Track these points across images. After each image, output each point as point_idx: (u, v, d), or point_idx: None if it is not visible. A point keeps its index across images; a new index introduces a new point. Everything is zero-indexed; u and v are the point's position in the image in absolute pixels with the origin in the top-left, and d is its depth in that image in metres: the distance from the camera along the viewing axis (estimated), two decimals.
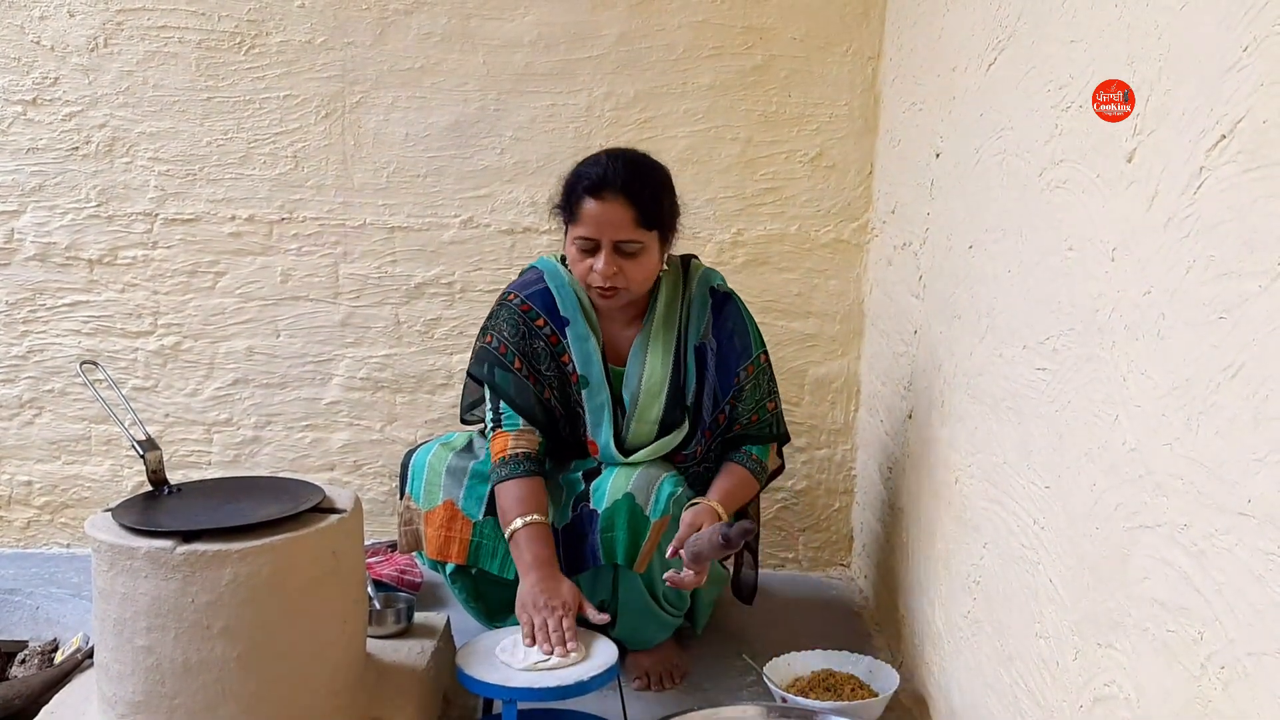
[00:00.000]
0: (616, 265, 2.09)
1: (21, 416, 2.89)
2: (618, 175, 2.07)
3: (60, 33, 2.73)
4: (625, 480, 2.14)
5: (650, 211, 2.08)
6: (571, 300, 2.22)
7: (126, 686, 1.58)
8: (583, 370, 2.21)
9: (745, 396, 2.23)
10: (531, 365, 2.20)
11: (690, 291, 2.26)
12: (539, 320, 2.21)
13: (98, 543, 1.58)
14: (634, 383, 2.22)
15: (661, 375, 2.21)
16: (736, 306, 2.27)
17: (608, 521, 2.12)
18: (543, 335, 2.21)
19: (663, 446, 2.22)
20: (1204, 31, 1.10)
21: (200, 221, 2.82)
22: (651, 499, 2.11)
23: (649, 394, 2.21)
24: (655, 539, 2.11)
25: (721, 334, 2.24)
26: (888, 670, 2.12)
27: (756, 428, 2.25)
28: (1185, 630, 1.10)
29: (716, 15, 2.73)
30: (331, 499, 1.75)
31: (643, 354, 2.22)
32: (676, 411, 2.23)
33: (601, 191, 2.05)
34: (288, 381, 2.89)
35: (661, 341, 2.22)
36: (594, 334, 2.22)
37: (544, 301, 2.22)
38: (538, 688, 1.79)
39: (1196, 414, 1.09)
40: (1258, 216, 0.99)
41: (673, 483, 2.14)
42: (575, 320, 2.21)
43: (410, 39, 2.74)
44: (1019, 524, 1.60)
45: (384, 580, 2.53)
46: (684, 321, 2.24)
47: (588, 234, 2.08)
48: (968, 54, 1.95)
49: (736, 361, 2.22)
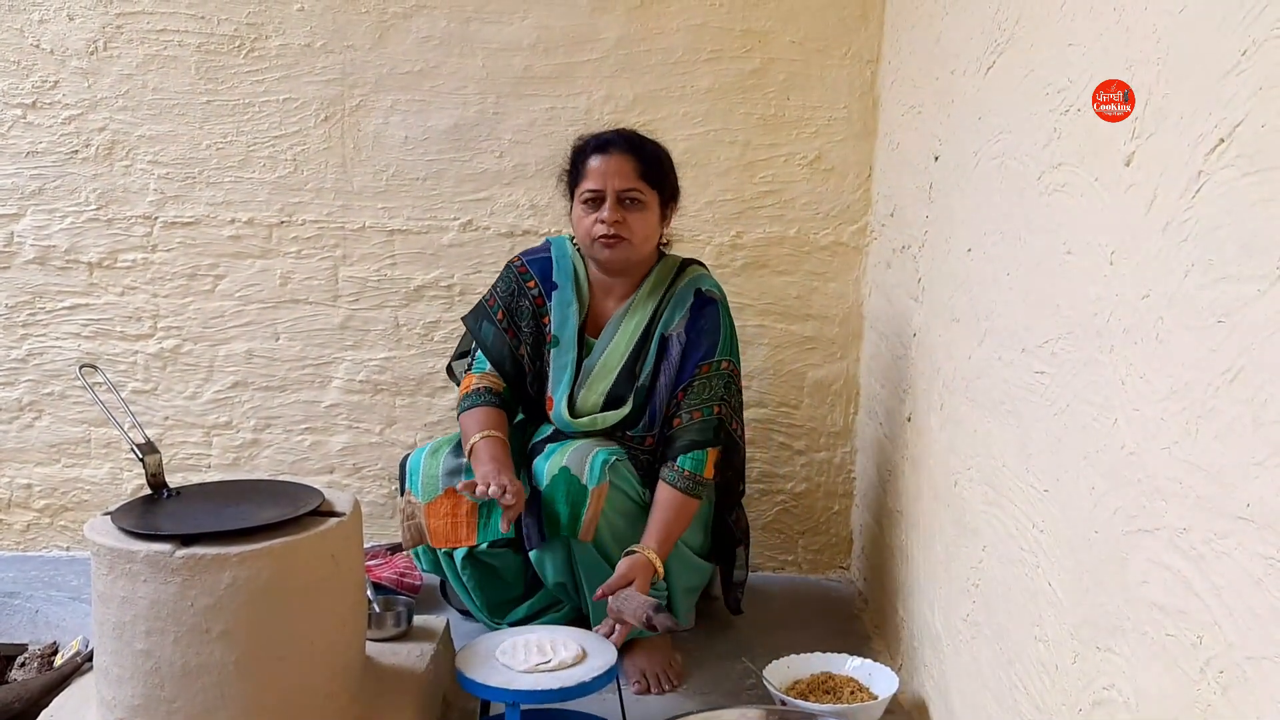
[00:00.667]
0: (620, 214, 2.23)
1: (21, 419, 2.90)
2: (621, 136, 2.30)
3: (60, 36, 2.73)
4: (561, 456, 2.23)
5: (652, 167, 2.27)
6: (567, 269, 2.37)
7: (126, 690, 1.58)
8: (556, 331, 2.35)
9: (693, 391, 2.28)
10: (513, 320, 2.37)
11: (676, 286, 2.35)
12: (530, 282, 2.39)
13: (97, 546, 1.58)
14: (596, 355, 2.34)
15: (622, 352, 2.32)
16: (718, 311, 2.32)
17: (550, 495, 2.19)
18: (530, 295, 2.38)
19: (605, 419, 2.31)
20: (1202, 35, 1.10)
21: (200, 225, 2.82)
22: (586, 468, 2.19)
23: (605, 367, 2.33)
24: (597, 505, 2.17)
25: (693, 330, 2.30)
26: (887, 673, 2.12)
27: (697, 425, 2.26)
28: (1184, 634, 1.10)
29: (715, 19, 2.73)
30: (331, 502, 1.75)
31: (614, 330, 2.34)
32: (625, 389, 2.32)
33: (608, 147, 2.26)
34: (287, 384, 2.89)
35: (634, 323, 2.33)
36: (579, 303, 2.36)
37: (541, 267, 2.39)
38: (541, 690, 1.79)
39: (1195, 418, 1.09)
40: (1256, 220, 0.99)
41: (607, 452, 2.22)
42: (564, 287, 2.36)
43: (409, 42, 2.74)
44: (1018, 527, 1.60)
45: (383, 583, 2.53)
46: (660, 310, 2.34)
47: (594, 185, 2.23)
48: (966, 57, 1.95)
49: (698, 356, 2.29)
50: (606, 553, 2.21)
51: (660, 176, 2.29)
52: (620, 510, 2.22)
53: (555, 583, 2.28)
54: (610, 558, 2.20)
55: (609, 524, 2.19)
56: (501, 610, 2.35)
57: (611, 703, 2.00)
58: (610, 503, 2.18)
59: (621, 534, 2.21)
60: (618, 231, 2.23)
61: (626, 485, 2.23)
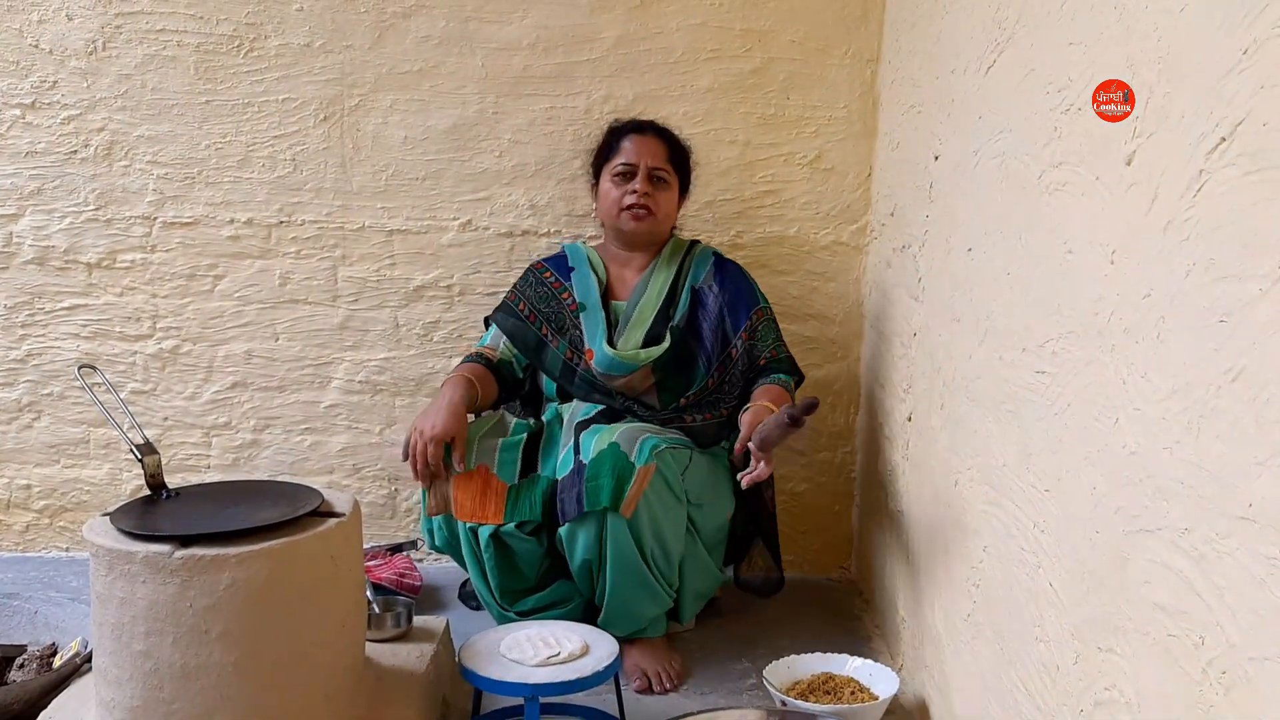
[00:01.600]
0: (649, 188, 2.46)
1: (20, 420, 2.89)
2: (653, 124, 2.57)
3: (59, 36, 2.72)
4: (611, 434, 2.26)
5: (678, 154, 2.54)
6: (581, 257, 2.59)
7: (125, 691, 1.58)
8: (581, 298, 2.52)
9: (760, 335, 2.49)
10: (533, 306, 2.55)
11: (695, 251, 2.59)
12: (548, 274, 2.59)
13: (96, 547, 1.57)
14: (630, 306, 2.51)
15: (655, 301, 2.51)
16: (739, 268, 2.58)
17: (594, 470, 2.20)
18: (547, 283, 2.57)
19: (649, 354, 2.44)
20: (1204, 34, 1.10)
21: (199, 225, 2.81)
22: (636, 448, 2.21)
23: (640, 315, 2.50)
24: (641, 484, 2.18)
25: (725, 281, 2.52)
26: (888, 673, 2.11)
27: (777, 363, 2.48)
28: (1186, 634, 1.10)
29: (715, 18, 2.73)
30: (330, 503, 1.75)
31: (643, 287, 2.53)
32: (660, 329, 2.47)
33: (642, 129, 2.53)
34: (286, 385, 2.89)
35: (662, 278, 2.53)
36: (595, 276, 2.55)
37: (557, 262, 2.61)
38: (559, 681, 1.81)
39: (1197, 417, 1.08)
40: (1258, 219, 0.99)
41: (656, 439, 2.25)
42: (580, 267, 2.57)
43: (409, 42, 2.74)
44: (1019, 527, 1.60)
45: (383, 584, 2.53)
46: (686, 266, 2.56)
47: (628, 160, 2.48)
48: (966, 56, 1.95)
49: (746, 305, 2.50)
50: (639, 536, 2.20)
51: (683, 163, 2.56)
52: (660, 497, 2.22)
53: (581, 561, 2.26)
54: (642, 543, 2.20)
55: (648, 507, 2.19)
56: (510, 598, 2.35)
57: (611, 706, 2.01)
58: (653, 486, 2.20)
59: (658, 521, 2.21)
60: (646, 204, 2.45)
61: (670, 475, 2.24)
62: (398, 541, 2.82)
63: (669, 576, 2.29)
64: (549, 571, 2.37)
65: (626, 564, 2.20)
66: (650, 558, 2.23)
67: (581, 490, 2.20)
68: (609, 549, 2.21)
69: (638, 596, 2.25)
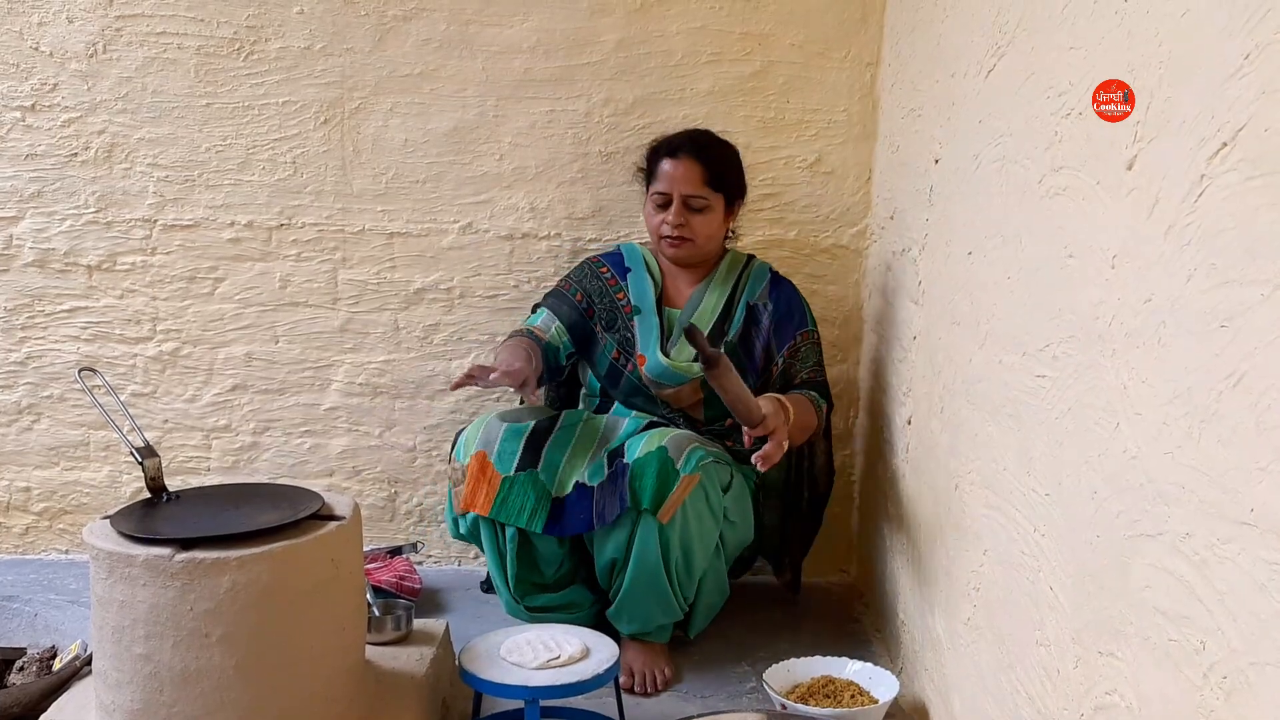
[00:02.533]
0: (684, 217, 2.41)
1: (20, 422, 2.89)
2: (693, 141, 2.46)
3: (59, 39, 2.72)
4: (660, 438, 2.26)
5: (717, 173, 2.43)
6: (638, 258, 2.57)
7: (125, 694, 1.58)
8: (636, 302, 2.51)
9: (803, 355, 2.49)
10: (590, 298, 2.54)
11: (752, 267, 2.57)
12: (603, 269, 2.57)
13: (96, 550, 1.57)
14: (686, 316, 2.48)
15: (711, 315, 2.48)
16: (794, 288, 2.57)
17: (640, 469, 2.20)
18: (603, 278, 2.56)
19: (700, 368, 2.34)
20: (1205, 39, 1.10)
21: (199, 227, 2.81)
22: (684, 457, 2.20)
23: (697, 323, 2.45)
24: (683, 492, 2.18)
25: (779, 299, 2.51)
26: (888, 677, 2.11)
27: (813, 385, 2.46)
28: (1187, 639, 1.10)
29: (715, 21, 2.73)
30: (330, 506, 1.75)
31: (700, 297, 2.51)
32: (716, 345, 2.39)
33: (676, 152, 2.43)
34: (286, 387, 2.89)
35: (718, 293, 2.51)
36: (653, 280, 2.53)
37: (613, 259, 2.59)
38: (560, 684, 1.82)
39: (1198, 422, 1.08)
40: (1260, 224, 0.99)
41: (703, 451, 2.26)
42: (637, 269, 2.55)
43: (409, 45, 2.74)
44: (1019, 531, 1.60)
45: (383, 587, 2.53)
46: (741, 283, 2.53)
47: (662, 189, 2.42)
48: (967, 60, 1.95)
49: (795, 325, 2.49)
50: (667, 544, 2.20)
51: (725, 180, 2.45)
52: (697, 511, 2.22)
53: (608, 559, 2.27)
54: (668, 552, 2.20)
55: (684, 518, 2.19)
56: (525, 589, 2.35)
57: (611, 705, 2.01)
58: (693, 498, 2.19)
59: (689, 534, 2.22)
60: (681, 233, 2.42)
61: (711, 490, 2.24)
62: (398, 544, 2.82)
63: (686, 590, 2.29)
64: (568, 574, 2.38)
65: (648, 568, 2.21)
66: (673, 568, 2.23)
67: (624, 489, 2.19)
68: (635, 549, 2.22)
69: (650, 602, 2.25)
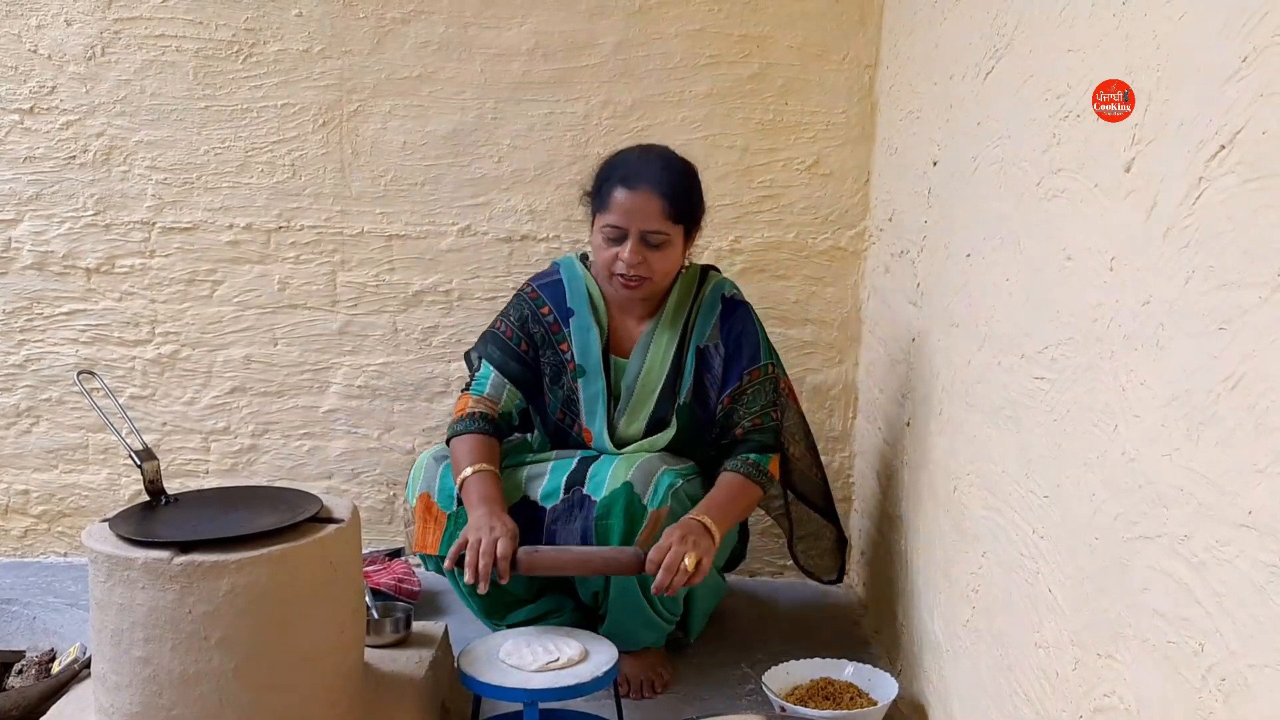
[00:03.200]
0: (642, 255, 2.14)
1: (19, 425, 2.89)
2: (650, 167, 2.16)
3: (57, 41, 2.72)
4: (625, 469, 2.15)
5: (679, 206, 2.17)
6: (582, 293, 2.29)
7: (124, 697, 1.58)
8: (580, 360, 2.27)
9: (748, 399, 2.25)
10: (533, 346, 2.30)
11: (702, 295, 2.30)
12: (544, 309, 2.30)
13: (95, 553, 1.57)
14: (632, 377, 2.27)
15: (659, 372, 2.26)
16: (747, 314, 2.31)
17: (604, 509, 2.12)
18: (545, 322, 2.30)
19: (653, 443, 2.26)
20: (1203, 41, 1.10)
21: (198, 230, 2.81)
22: (650, 489, 2.12)
23: (644, 389, 2.27)
24: (652, 529, 2.10)
25: (729, 336, 2.27)
26: (886, 679, 2.11)
27: (758, 433, 2.25)
28: (1186, 641, 1.10)
29: (713, 24, 2.73)
30: (329, 508, 1.75)
31: (645, 349, 2.27)
32: (667, 409, 2.27)
33: (634, 182, 2.13)
34: (285, 390, 2.89)
35: (665, 339, 2.27)
36: (598, 326, 2.28)
37: (554, 293, 2.31)
38: (558, 687, 1.81)
39: (1197, 424, 1.09)
40: (1258, 227, 0.99)
41: (673, 474, 2.16)
42: (580, 312, 2.28)
43: (408, 47, 2.74)
44: (1018, 533, 1.60)
45: (382, 589, 2.53)
46: (690, 322, 2.28)
47: (617, 222, 2.13)
48: (965, 62, 1.95)
49: (743, 364, 2.25)
50: (645, 578, 2.13)
51: (687, 210, 2.20)
52: None
53: (590, 591, 2.23)
54: (648, 582, 2.12)
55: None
56: (498, 612, 2.32)
57: (610, 708, 2.00)
58: (665, 527, 2.10)
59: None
60: (638, 273, 2.15)
61: (685, 511, 2.14)
62: (397, 547, 2.82)
63: (673, 609, 2.25)
64: (539, 582, 2.32)
65: (629, 601, 2.18)
66: (656, 598, 2.17)
67: (590, 528, 2.13)
68: (612, 588, 2.18)
69: (636, 627, 2.22)
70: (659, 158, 2.22)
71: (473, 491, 2.12)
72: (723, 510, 2.12)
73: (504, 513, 2.08)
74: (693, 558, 1.96)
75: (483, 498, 2.09)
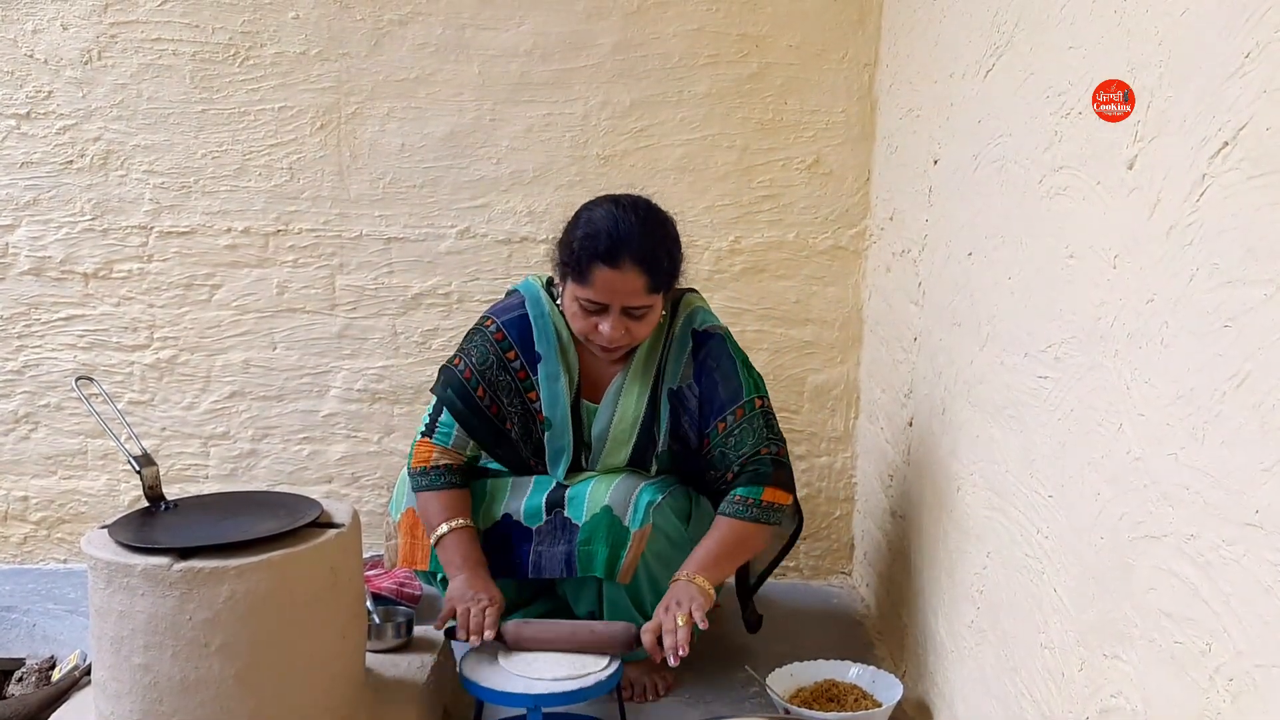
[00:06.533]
0: (624, 327, 2.04)
1: (17, 431, 2.88)
2: (632, 240, 1.99)
3: (54, 46, 2.72)
4: (603, 491, 2.13)
5: (662, 278, 2.04)
6: (549, 334, 2.17)
7: (124, 704, 1.57)
8: (548, 412, 2.17)
9: (735, 442, 2.14)
10: (494, 395, 2.18)
11: (674, 333, 2.18)
12: (510, 353, 2.17)
13: (94, 560, 1.57)
14: (603, 426, 2.18)
15: (632, 421, 2.17)
16: (723, 345, 2.18)
17: (587, 535, 2.11)
18: (511, 369, 2.18)
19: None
20: (1205, 38, 1.10)
21: (196, 234, 2.81)
22: (630, 510, 2.11)
23: (616, 440, 2.19)
24: (638, 549, 2.09)
25: (704, 376, 2.16)
26: (891, 680, 2.10)
27: (749, 472, 2.14)
28: (1193, 641, 1.09)
29: (712, 23, 2.73)
30: (329, 513, 1.74)
31: (616, 399, 2.17)
32: (646, 455, 2.20)
33: (615, 259, 1.98)
34: (285, 394, 2.88)
35: (638, 386, 2.17)
36: (566, 373, 2.17)
37: (519, 331, 2.18)
38: (562, 691, 1.81)
39: (1202, 423, 1.08)
40: (1262, 224, 0.98)
41: (652, 491, 2.14)
42: (548, 357, 2.16)
43: (405, 50, 2.73)
44: (1022, 533, 1.59)
45: (383, 594, 2.52)
46: (663, 364, 2.18)
47: (597, 299, 2.01)
48: (965, 60, 1.95)
49: (722, 403, 2.14)
50: (639, 598, 2.15)
51: (671, 278, 2.08)
52: (660, 556, 2.13)
53: (585, 612, 2.22)
54: (642, 601, 2.14)
55: (647, 569, 2.13)
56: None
57: (613, 713, 2.00)
58: (652, 546, 2.10)
59: (659, 581, 2.13)
60: (621, 344, 2.07)
61: (671, 528, 2.14)
62: None
63: None
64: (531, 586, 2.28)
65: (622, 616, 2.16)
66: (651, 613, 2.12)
67: (573, 553, 2.11)
68: (606, 608, 2.18)
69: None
70: (639, 222, 2.02)
71: (453, 552, 2.09)
72: (711, 558, 2.06)
73: (488, 578, 2.08)
74: (683, 617, 1.93)
75: (465, 560, 2.08)
